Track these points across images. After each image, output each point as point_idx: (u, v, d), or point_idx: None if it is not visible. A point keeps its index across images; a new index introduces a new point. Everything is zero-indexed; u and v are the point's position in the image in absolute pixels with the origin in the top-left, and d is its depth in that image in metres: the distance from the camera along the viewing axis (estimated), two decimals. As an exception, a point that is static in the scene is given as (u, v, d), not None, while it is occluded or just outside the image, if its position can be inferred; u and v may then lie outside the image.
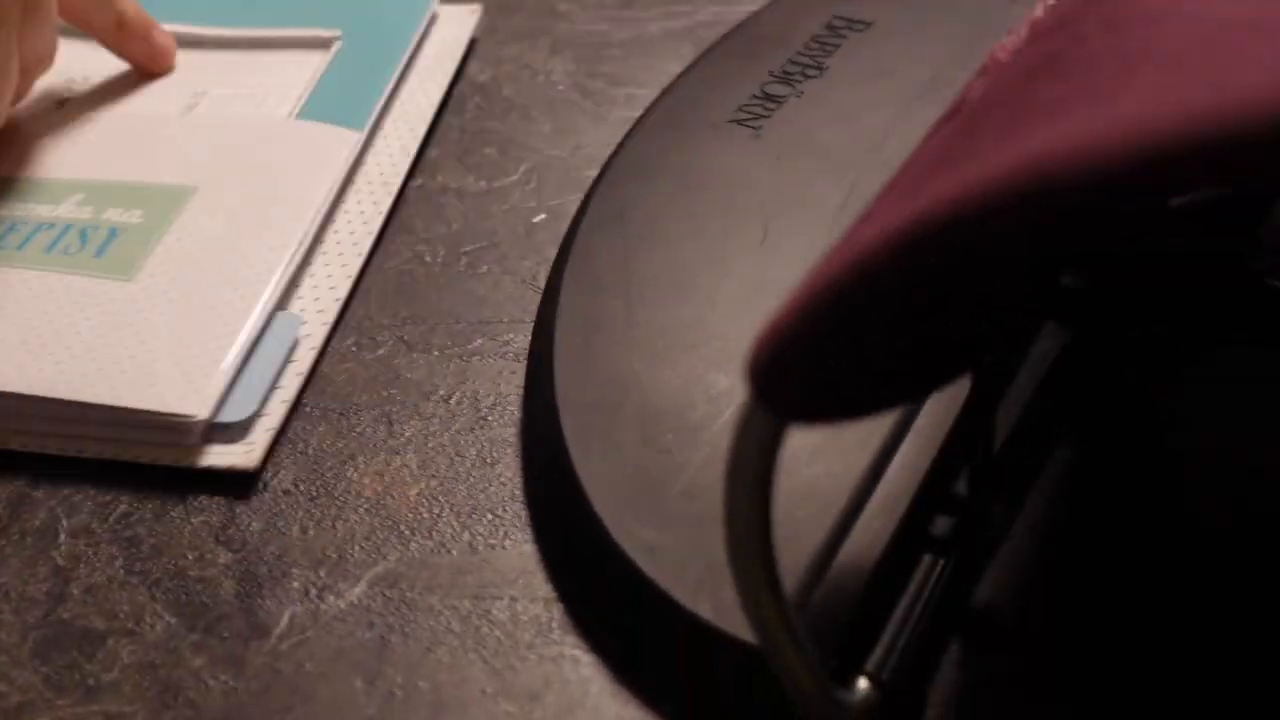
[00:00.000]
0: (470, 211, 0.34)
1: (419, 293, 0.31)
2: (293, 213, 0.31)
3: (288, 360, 0.28)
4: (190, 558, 0.25)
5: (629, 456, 0.24)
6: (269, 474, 0.26)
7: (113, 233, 0.30)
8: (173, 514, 0.26)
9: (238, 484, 0.26)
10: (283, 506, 0.26)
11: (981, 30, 0.36)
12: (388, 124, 0.36)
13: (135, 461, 0.26)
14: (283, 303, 0.30)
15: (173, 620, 0.24)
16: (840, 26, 0.37)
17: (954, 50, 0.35)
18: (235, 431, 0.27)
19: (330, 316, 0.30)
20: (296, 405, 0.28)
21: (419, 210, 0.34)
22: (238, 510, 0.26)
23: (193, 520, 0.26)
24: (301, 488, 0.26)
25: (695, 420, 0.25)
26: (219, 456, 0.26)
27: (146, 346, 0.27)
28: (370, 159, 0.35)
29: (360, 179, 0.34)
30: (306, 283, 0.31)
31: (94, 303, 0.28)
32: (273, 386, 0.28)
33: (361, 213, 0.33)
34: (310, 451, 0.27)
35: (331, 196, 0.32)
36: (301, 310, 0.30)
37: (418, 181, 0.35)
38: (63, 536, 0.25)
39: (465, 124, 0.37)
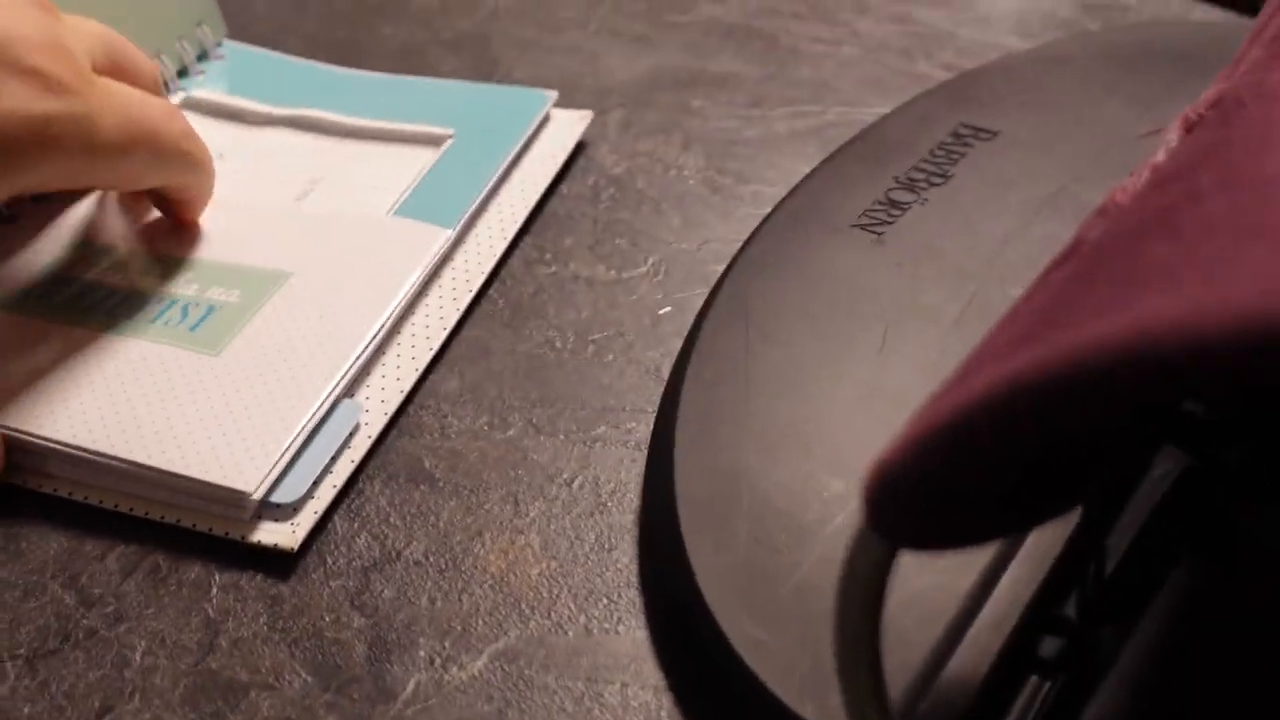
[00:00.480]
0: (599, 300, 0.36)
1: (548, 377, 0.33)
2: (373, 305, 0.33)
3: (344, 447, 0.30)
4: (327, 619, 0.27)
5: (742, 552, 0.25)
6: (402, 544, 0.28)
7: (210, 309, 0.33)
8: (313, 576, 0.28)
9: (370, 552, 0.28)
10: (414, 576, 0.27)
11: (1106, 148, 0.37)
12: (481, 224, 0.37)
13: (193, 529, 0.28)
14: (350, 389, 0.31)
15: (309, 678, 0.25)
16: (967, 135, 0.38)
17: (1078, 166, 0.36)
18: (284, 511, 0.28)
19: (392, 407, 0.31)
20: (350, 484, 0.29)
21: (552, 296, 0.36)
22: (372, 577, 0.27)
23: (331, 584, 0.27)
24: (432, 559, 0.28)
25: (808, 521, 0.26)
26: (266, 534, 0.28)
27: (218, 421, 0.29)
28: (459, 256, 0.36)
29: (446, 275, 0.35)
30: (376, 371, 0.32)
31: (180, 373, 0.31)
32: (325, 471, 0.29)
33: (440, 308, 0.34)
34: (441, 525, 0.29)
35: (413, 291, 0.34)
36: (366, 398, 0.31)
37: (552, 269, 0.37)
38: (214, 590, 0.27)
39: (599, 214, 0.39)
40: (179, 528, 0.28)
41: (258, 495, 0.28)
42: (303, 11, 0.52)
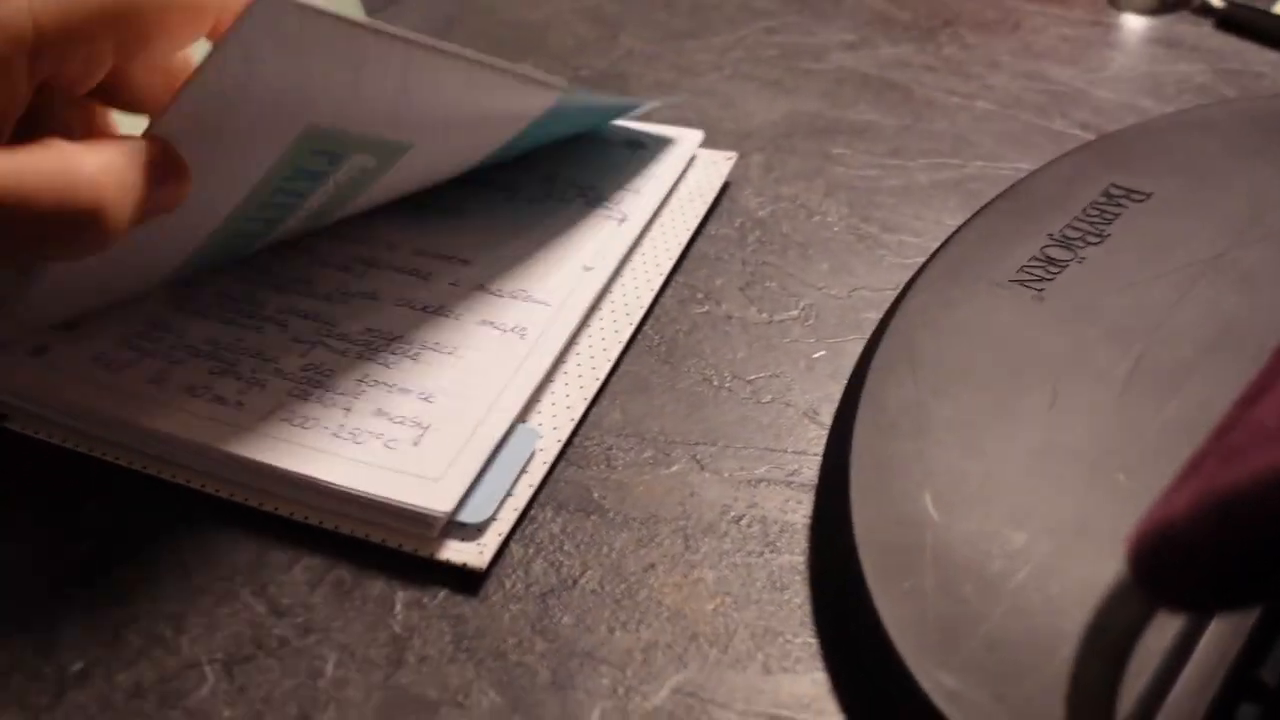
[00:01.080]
0: (754, 341, 0.36)
1: (708, 415, 0.34)
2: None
3: (523, 471, 0.31)
4: (510, 642, 0.27)
5: (929, 601, 0.26)
6: (578, 572, 0.29)
7: None
8: (494, 598, 0.28)
9: (547, 578, 0.29)
10: (591, 605, 0.28)
11: (1260, 213, 0.37)
12: (636, 258, 0.38)
13: (382, 544, 0.29)
14: (523, 414, 0.32)
15: (497, 699, 0.26)
16: (1119, 195, 0.39)
17: (1235, 231, 0.36)
18: (469, 531, 0.29)
19: (564, 435, 0.32)
20: (526, 510, 0.30)
21: (707, 335, 0.37)
22: (551, 604, 0.28)
23: (512, 607, 0.28)
24: (608, 589, 0.28)
25: (993, 573, 0.26)
26: (455, 552, 0.29)
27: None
28: (617, 290, 0.37)
29: (605, 308, 0.36)
30: (546, 399, 0.33)
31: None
32: (507, 494, 0.30)
33: (603, 340, 0.35)
34: (614, 556, 0.29)
35: (578, 324, 0.35)
36: (539, 425, 0.32)
37: (705, 308, 0.38)
38: (399, 606, 0.28)
39: (747, 256, 0.40)
40: (363, 541, 0.29)
41: (446, 513, 0.28)
42: (446, 44, 0.54)
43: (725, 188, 0.43)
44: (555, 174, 0.41)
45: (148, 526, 0.30)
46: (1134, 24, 0.55)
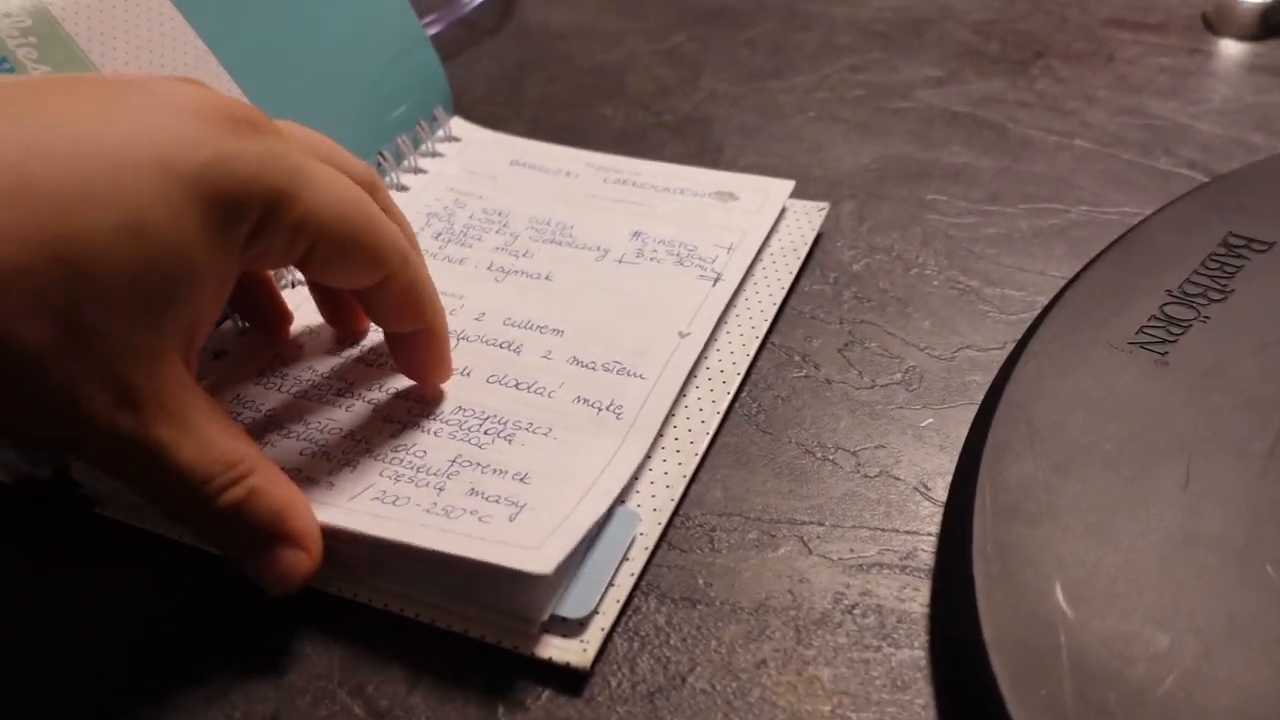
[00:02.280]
0: (856, 408, 0.35)
1: (812, 491, 0.32)
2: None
3: (624, 558, 0.29)
4: (618, 748, 0.26)
5: (1069, 710, 0.24)
6: (685, 669, 0.28)
7: None
8: (599, 699, 0.27)
9: (654, 676, 0.27)
10: (702, 706, 0.27)
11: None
12: (731, 319, 0.37)
13: (481, 640, 0.28)
14: (622, 495, 0.30)
15: (608, 813, 0.25)
16: (1238, 245, 0.37)
17: (1373, 284, 0.34)
18: (571, 628, 0.28)
19: (665, 516, 0.31)
20: (629, 600, 0.29)
21: (807, 402, 0.35)
22: (659, 704, 0.27)
23: (619, 709, 0.27)
24: (718, 688, 0.27)
25: (1137, 680, 0.24)
26: (557, 650, 0.27)
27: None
28: (712, 355, 0.36)
29: (702, 374, 0.35)
30: (645, 477, 0.32)
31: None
32: (610, 584, 0.29)
33: (700, 410, 0.34)
34: (723, 650, 0.28)
35: (675, 396, 0.33)
36: (638, 506, 0.31)
37: (803, 372, 0.36)
38: (501, 709, 0.27)
39: (844, 314, 0.38)
40: (461, 637, 0.28)
41: (549, 611, 0.27)
42: (520, 93, 0.53)
43: (817, 239, 0.41)
44: (643, 230, 0.40)
45: (238, 621, 0.29)
46: (1234, 50, 0.53)
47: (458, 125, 0.47)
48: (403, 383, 0.34)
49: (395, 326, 0.32)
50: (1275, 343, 0.33)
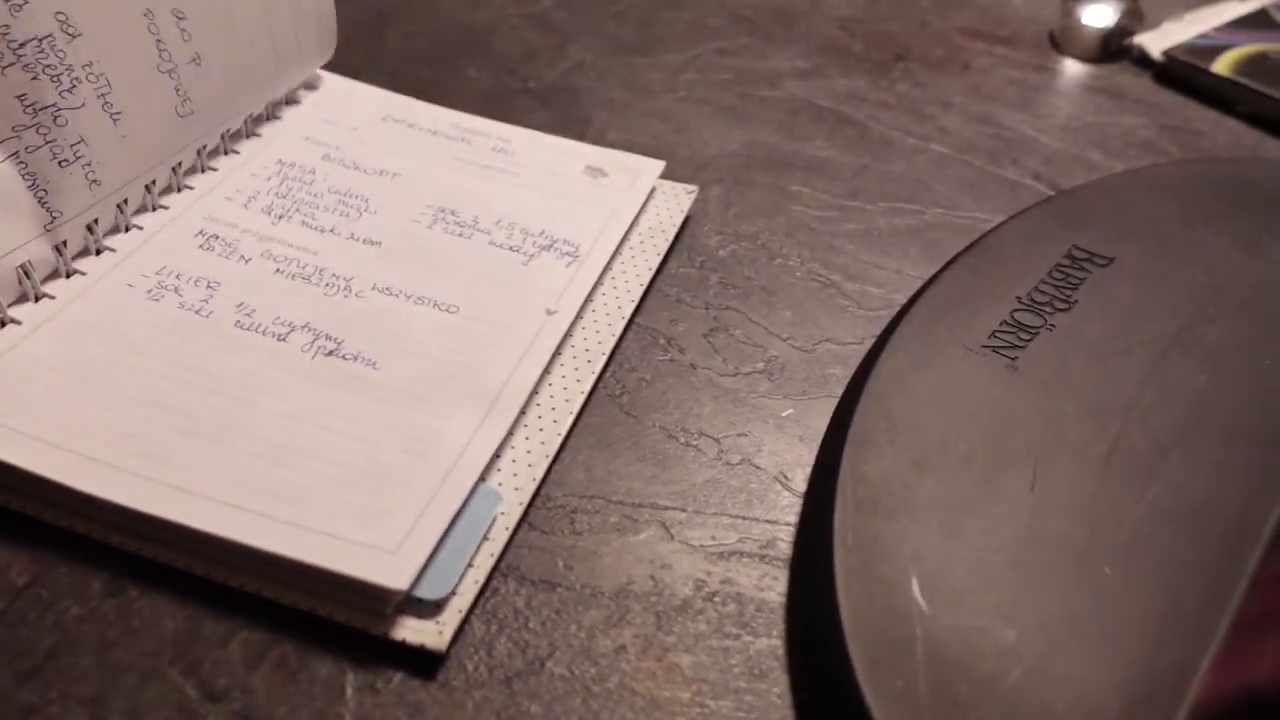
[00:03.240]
0: (720, 395, 0.35)
1: (675, 477, 0.32)
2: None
3: (484, 538, 0.28)
4: (474, 735, 0.25)
5: (923, 701, 0.25)
6: (545, 653, 0.27)
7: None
8: (455, 683, 0.26)
9: (512, 660, 0.27)
10: (561, 692, 0.26)
11: (1221, 286, 0.37)
12: (598, 298, 0.36)
13: (329, 618, 0.27)
14: (483, 473, 0.29)
15: (461, 802, 0.24)
16: (1082, 259, 0.38)
17: (1198, 302, 0.36)
18: (427, 608, 0.27)
19: (527, 495, 0.30)
20: (488, 582, 0.28)
21: (671, 386, 0.35)
22: (516, 689, 0.26)
23: (475, 694, 0.26)
24: (576, 673, 0.27)
25: (986, 673, 0.25)
26: (411, 632, 0.26)
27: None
28: (578, 333, 0.35)
29: (567, 352, 0.34)
30: (506, 454, 0.31)
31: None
32: (469, 565, 0.28)
33: (565, 388, 0.33)
34: (583, 635, 0.27)
35: (540, 373, 0.32)
36: (500, 485, 0.30)
37: (668, 356, 0.36)
38: (350, 691, 0.26)
39: (709, 299, 0.38)
40: (307, 614, 0.27)
41: (403, 588, 0.26)
42: (382, 45, 0.51)
43: (685, 222, 0.41)
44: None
45: (61, 590, 0.27)
46: (1076, 70, 0.55)
47: (324, 74, 0.44)
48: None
49: None
50: (1115, 353, 0.34)
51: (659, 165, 0.42)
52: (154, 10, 0.36)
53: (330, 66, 0.45)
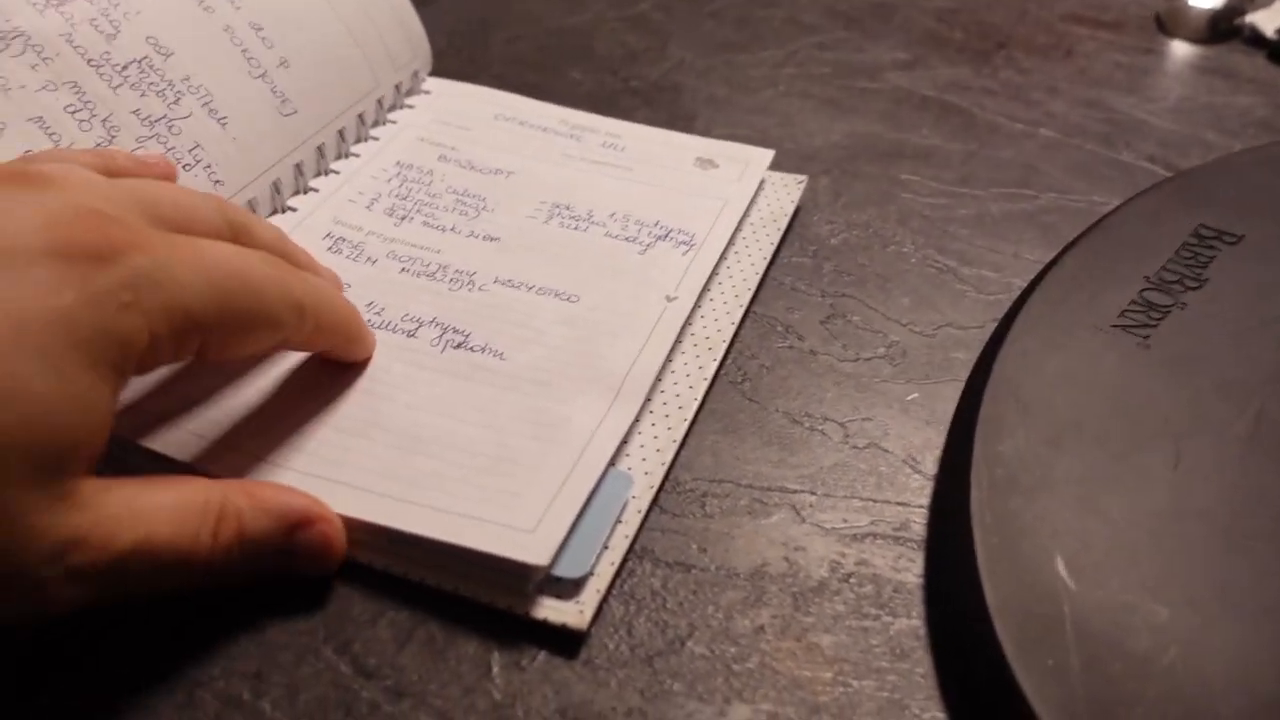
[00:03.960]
0: (842, 380, 0.35)
1: (802, 461, 0.32)
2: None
3: (617, 520, 0.29)
4: (619, 711, 0.25)
5: (1077, 680, 0.24)
6: (684, 633, 0.27)
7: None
8: (597, 660, 0.26)
9: (652, 639, 0.27)
10: (702, 670, 0.26)
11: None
12: (714, 288, 0.37)
13: (474, 599, 0.27)
14: (613, 458, 0.30)
15: (612, 777, 0.24)
16: (1210, 237, 0.37)
17: (1335, 278, 0.35)
18: (566, 589, 0.27)
19: (657, 479, 0.30)
20: (624, 563, 0.28)
21: (793, 372, 0.35)
22: (659, 668, 0.26)
23: (618, 672, 0.26)
24: (717, 652, 0.27)
25: (1141, 651, 0.25)
26: (553, 611, 0.27)
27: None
28: (698, 322, 0.35)
29: (687, 341, 0.34)
30: (634, 440, 0.31)
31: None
32: (604, 546, 0.28)
33: (688, 375, 0.33)
34: (720, 615, 0.27)
35: (664, 359, 0.33)
36: (630, 469, 0.30)
37: (787, 343, 0.36)
38: (495, 669, 0.26)
39: (824, 287, 0.38)
40: (452, 596, 0.27)
41: (544, 565, 0.26)
42: (486, 51, 0.52)
43: (795, 212, 0.41)
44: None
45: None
46: (1184, 52, 0.54)
47: (428, 80, 0.45)
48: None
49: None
50: (1250, 330, 0.33)
51: (769, 154, 0.42)
52: (232, 26, 0.38)
53: (436, 73, 0.46)
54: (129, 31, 0.35)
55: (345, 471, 0.28)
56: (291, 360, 0.32)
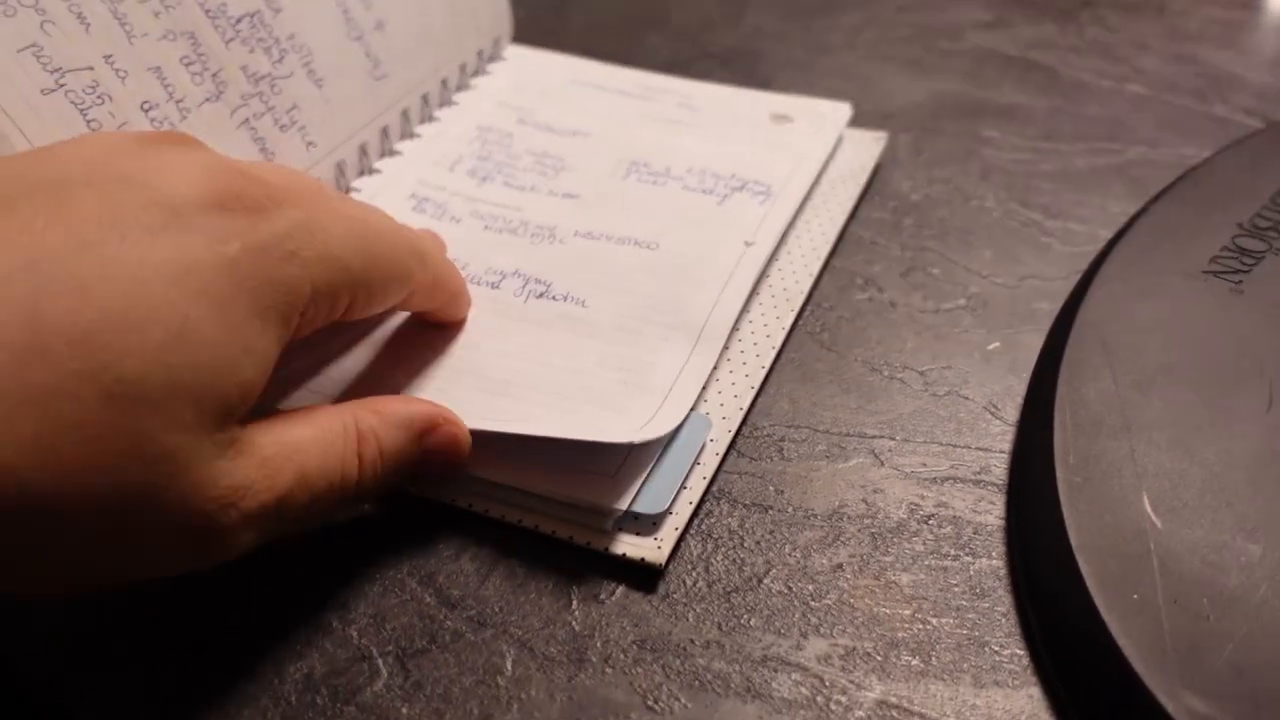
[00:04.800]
0: (922, 330, 0.34)
1: (880, 408, 0.32)
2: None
3: (695, 462, 0.29)
4: (696, 644, 0.26)
5: (1163, 615, 0.24)
6: (761, 570, 0.27)
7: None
8: (675, 595, 0.27)
9: (730, 576, 0.27)
10: (779, 606, 0.26)
11: None
12: (793, 240, 0.37)
13: (553, 535, 0.27)
14: (694, 404, 0.30)
15: (689, 704, 0.24)
16: (1306, 183, 0.36)
17: None
18: (645, 524, 0.27)
19: (734, 424, 0.30)
20: (701, 504, 0.28)
21: (871, 323, 0.35)
22: (735, 603, 0.26)
23: (696, 606, 0.26)
24: (794, 589, 0.27)
25: (1231, 589, 0.24)
26: (631, 547, 0.27)
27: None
28: (775, 273, 0.35)
29: (765, 292, 0.35)
30: (713, 386, 0.31)
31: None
32: (682, 486, 0.28)
33: (765, 325, 0.33)
34: (798, 554, 0.28)
35: (742, 305, 0.33)
36: (708, 414, 0.30)
37: (867, 294, 0.36)
38: (575, 602, 0.26)
39: (905, 241, 0.38)
40: (533, 532, 0.28)
41: (623, 505, 0.27)
42: (565, 21, 0.52)
43: (875, 169, 0.41)
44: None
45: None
46: (1283, 7, 0.52)
47: (508, 47, 0.46)
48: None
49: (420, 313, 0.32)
50: (1349, 275, 0.32)
51: (846, 108, 0.42)
52: None
53: (517, 40, 0.47)
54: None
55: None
56: (394, 321, 0.33)
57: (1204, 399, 0.29)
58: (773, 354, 0.33)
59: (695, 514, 0.28)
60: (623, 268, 0.34)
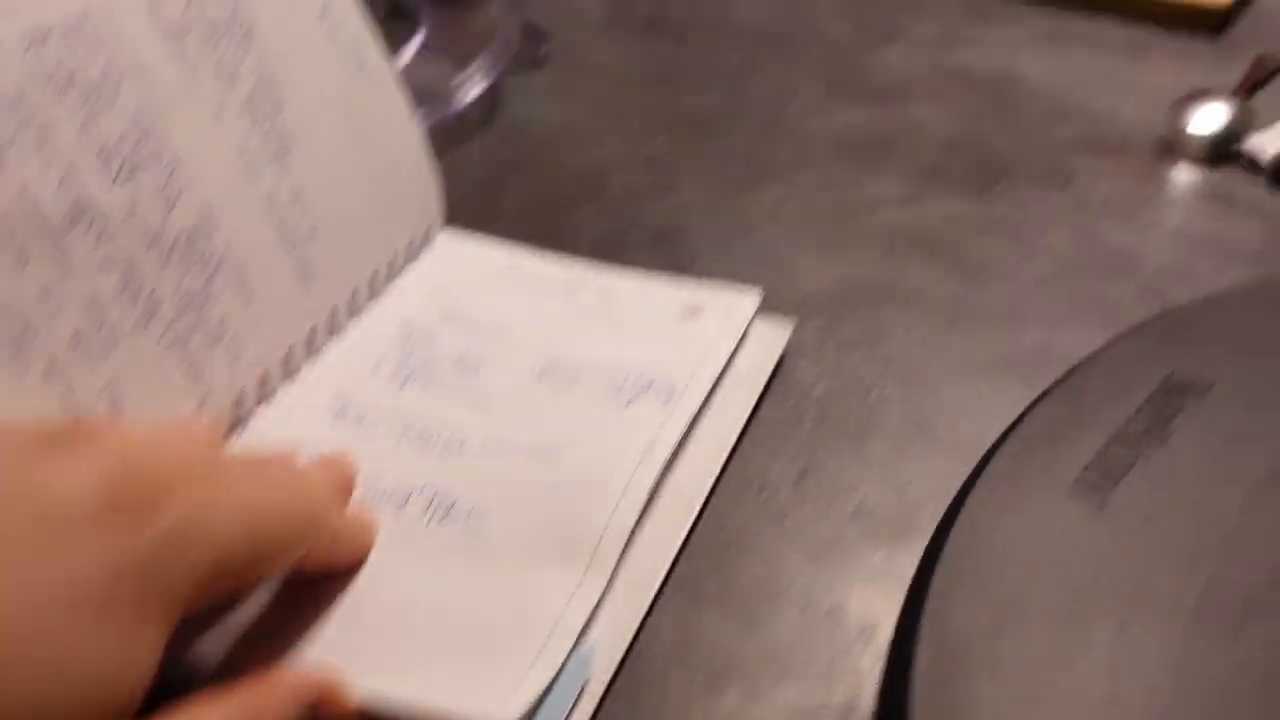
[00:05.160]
0: (811, 545, 0.36)
1: (763, 634, 0.33)
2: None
3: (576, 701, 0.30)
4: None
5: None
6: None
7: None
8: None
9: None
10: None
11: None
12: (692, 443, 0.38)
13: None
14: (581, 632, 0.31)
15: None
16: (1178, 387, 0.38)
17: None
18: None
19: (617, 655, 0.31)
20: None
21: (762, 534, 0.36)
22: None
23: None
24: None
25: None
26: None
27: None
28: (672, 480, 0.37)
29: (663, 499, 0.36)
30: (603, 607, 0.32)
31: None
32: None
33: (658, 540, 0.35)
34: (670, 792, 0.29)
35: (633, 522, 0.34)
36: (595, 640, 0.32)
37: (761, 499, 0.37)
38: None
39: (804, 439, 0.40)
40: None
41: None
42: (498, 202, 0.54)
43: (781, 358, 0.43)
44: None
45: None
46: (1186, 177, 0.55)
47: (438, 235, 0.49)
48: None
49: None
50: (1206, 493, 0.34)
51: (754, 298, 0.44)
52: (276, 192, 0.40)
53: (454, 219, 0.49)
54: (185, 203, 0.36)
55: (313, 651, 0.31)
56: None
57: (1059, 635, 0.30)
58: (661, 576, 0.34)
59: (574, 755, 0.30)
60: (524, 484, 0.36)
